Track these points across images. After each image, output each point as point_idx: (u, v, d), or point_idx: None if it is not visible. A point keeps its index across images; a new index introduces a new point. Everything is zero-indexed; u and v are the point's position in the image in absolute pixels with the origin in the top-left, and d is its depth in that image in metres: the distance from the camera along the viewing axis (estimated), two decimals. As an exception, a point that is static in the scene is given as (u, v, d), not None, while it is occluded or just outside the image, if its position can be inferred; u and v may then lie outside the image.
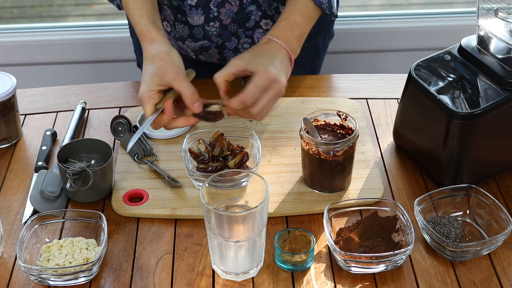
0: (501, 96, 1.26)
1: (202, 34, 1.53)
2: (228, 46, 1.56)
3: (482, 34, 1.34)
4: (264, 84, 1.23)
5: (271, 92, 1.25)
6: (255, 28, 1.53)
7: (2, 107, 1.44)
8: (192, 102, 1.25)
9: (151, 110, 1.25)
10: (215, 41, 1.55)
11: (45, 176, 1.36)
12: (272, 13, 1.51)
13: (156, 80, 1.25)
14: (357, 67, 2.37)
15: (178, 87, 1.24)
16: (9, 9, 2.93)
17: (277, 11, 1.51)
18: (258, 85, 1.23)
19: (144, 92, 1.25)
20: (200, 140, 1.36)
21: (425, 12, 2.42)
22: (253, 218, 1.12)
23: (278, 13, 1.51)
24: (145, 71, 1.27)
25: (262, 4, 1.49)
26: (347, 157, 1.30)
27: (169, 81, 1.24)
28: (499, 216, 1.24)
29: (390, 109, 1.56)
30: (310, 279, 1.19)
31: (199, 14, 1.49)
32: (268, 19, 1.52)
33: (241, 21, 1.51)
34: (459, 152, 1.29)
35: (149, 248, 1.25)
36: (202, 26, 1.51)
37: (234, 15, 1.49)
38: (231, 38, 1.54)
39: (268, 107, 1.26)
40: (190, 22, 1.51)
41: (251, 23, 1.52)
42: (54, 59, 2.34)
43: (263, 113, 1.26)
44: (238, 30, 1.52)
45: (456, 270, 1.20)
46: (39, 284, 1.18)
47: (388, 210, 1.25)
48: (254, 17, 1.51)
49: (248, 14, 1.50)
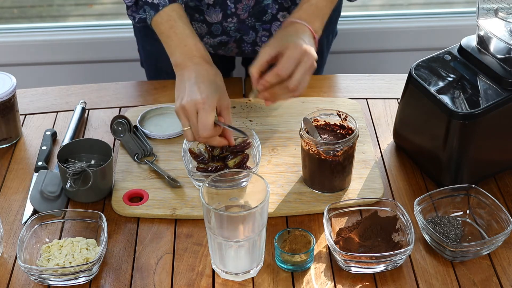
0: (501, 96, 1.26)
1: (220, 30, 1.53)
2: (246, 39, 1.56)
3: (482, 34, 1.34)
4: (296, 56, 1.24)
5: (304, 65, 1.25)
6: (273, 21, 1.53)
7: (2, 107, 1.44)
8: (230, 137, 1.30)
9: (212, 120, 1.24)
10: (234, 36, 1.55)
11: (45, 176, 1.36)
12: (289, 4, 1.51)
13: (216, 97, 1.25)
14: (357, 67, 2.37)
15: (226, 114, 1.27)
16: (9, 9, 2.93)
17: (294, 2, 1.51)
18: (291, 57, 1.23)
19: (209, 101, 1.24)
20: None
21: (425, 12, 2.42)
22: (253, 218, 1.12)
23: (294, 4, 1.51)
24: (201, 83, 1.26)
25: None
26: (347, 157, 1.30)
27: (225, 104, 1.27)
28: (499, 216, 1.24)
29: (390, 109, 1.56)
30: (310, 279, 1.19)
31: (217, 12, 1.49)
32: (285, 11, 1.52)
33: (258, 14, 1.51)
34: (459, 152, 1.29)
35: (149, 248, 1.25)
36: (220, 23, 1.51)
37: (251, 9, 1.49)
38: (249, 32, 1.54)
39: (304, 81, 1.26)
40: (208, 20, 1.51)
41: (268, 16, 1.52)
42: (54, 59, 2.34)
43: (300, 86, 1.26)
44: (255, 23, 1.53)
45: (456, 270, 1.20)
46: (39, 284, 1.18)
47: (388, 210, 1.25)
48: (271, 10, 1.51)
49: (264, 7, 1.50)
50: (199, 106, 1.24)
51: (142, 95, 1.62)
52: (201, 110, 1.24)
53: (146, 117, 1.52)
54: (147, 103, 1.58)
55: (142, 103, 1.59)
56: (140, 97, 1.62)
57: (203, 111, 1.24)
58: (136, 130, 1.48)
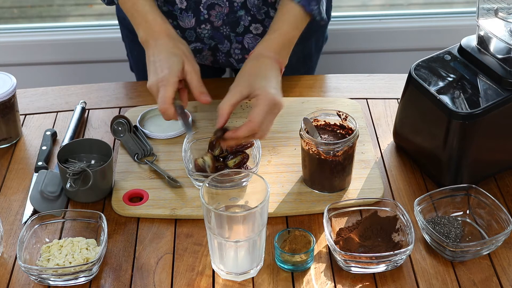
0: (501, 96, 1.26)
1: (194, 36, 1.53)
2: (221, 48, 1.56)
3: (482, 34, 1.34)
4: (268, 109, 1.26)
5: (273, 116, 1.29)
6: (245, 33, 1.53)
7: (2, 107, 1.44)
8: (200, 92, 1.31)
9: (173, 93, 1.28)
10: (208, 43, 1.55)
11: (45, 176, 1.36)
12: (262, 17, 1.51)
13: (176, 70, 1.29)
14: (357, 67, 2.36)
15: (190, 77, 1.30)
16: (9, 9, 2.93)
17: (268, 15, 1.51)
18: (263, 111, 1.26)
19: (167, 76, 1.28)
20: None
21: (425, 12, 2.42)
22: (253, 218, 1.12)
23: (268, 17, 1.51)
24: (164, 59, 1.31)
25: (251, 8, 1.49)
26: (347, 157, 1.30)
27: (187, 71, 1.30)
28: (499, 216, 1.24)
29: (390, 109, 1.56)
30: (310, 279, 1.19)
31: (190, 17, 1.49)
32: (258, 23, 1.52)
33: (233, 24, 1.51)
34: (459, 152, 1.29)
35: (149, 248, 1.25)
36: (194, 29, 1.51)
37: (225, 17, 1.49)
38: (224, 41, 1.54)
39: (270, 127, 1.29)
40: (181, 25, 1.51)
41: (241, 28, 1.52)
42: (54, 59, 2.34)
43: (266, 133, 1.29)
44: (230, 33, 1.52)
45: (456, 270, 1.20)
46: (39, 284, 1.18)
47: (388, 210, 1.25)
48: (243, 22, 1.51)
49: (238, 18, 1.50)
50: (158, 84, 1.29)
51: (142, 95, 1.62)
52: (160, 88, 1.29)
53: (146, 117, 1.52)
54: (147, 103, 1.58)
55: (142, 103, 1.59)
56: (140, 97, 1.62)
57: (161, 88, 1.29)
58: (136, 130, 1.48)
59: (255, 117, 1.25)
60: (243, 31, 1.52)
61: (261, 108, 1.26)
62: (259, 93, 1.27)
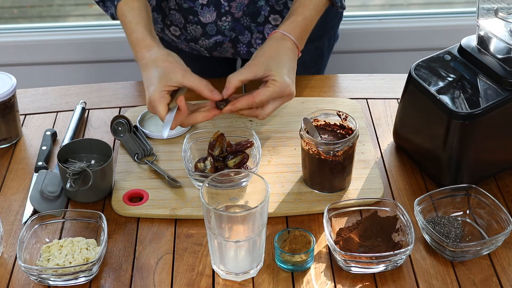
0: (501, 96, 1.26)
1: (215, 30, 1.53)
2: (242, 39, 1.57)
3: (482, 34, 1.34)
4: (277, 95, 1.28)
5: (281, 103, 1.30)
6: (265, 23, 1.54)
7: (2, 107, 1.44)
8: (209, 90, 1.28)
9: (165, 109, 1.26)
10: (229, 35, 1.55)
11: (45, 176, 1.36)
12: (281, 8, 1.52)
13: (165, 81, 1.26)
14: (357, 67, 2.37)
15: (190, 83, 1.27)
16: (9, 9, 2.94)
17: (286, 6, 1.52)
18: (271, 92, 1.27)
19: (154, 93, 1.26)
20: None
21: (425, 12, 2.42)
22: (253, 218, 1.12)
23: (286, 8, 1.52)
24: (149, 76, 1.29)
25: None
26: (347, 157, 1.30)
27: (179, 80, 1.26)
28: (499, 216, 1.24)
29: (390, 109, 1.56)
30: (310, 279, 1.19)
31: (211, 11, 1.49)
32: (277, 14, 1.53)
33: (253, 15, 1.52)
34: (459, 152, 1.29)
35: (149, 248, 1.25)
36: (215, 22, 1.52)
37: (245, 7, 1.50)
38: (244, 32, 1.55)
39: (273, 111, 1.30)
40: (202, 21, 1.51)
41: (261, 18, 1.53)
42: (54, 59, 2.34)
43: (267, 115, 1.30)
44: (250, 24, 1.53)
45: (456, 270, 1.20)
46: (39, 284, 1.18)
47: (388, 210, 1.25)
48: (264, 12, 1.52)
49: (258, 9, 1.51)
50: (151, 102, 1.28)
51: (142, 95, 1.62)
52: (153, 104, 1.27)
53: (146, 117, 1.52)
54: (147, 103, 1.58)
55: (142, 103, 1.59)
56: (140, 97, 1.62)
57: (154, 104, 1.27)
58: (136, 130, 1.48)
59: (259, 96, 1.27)
60: (263, 21, 1.53)
61: (271, 90, 1.27)
62: (276, 78, 1.27)
